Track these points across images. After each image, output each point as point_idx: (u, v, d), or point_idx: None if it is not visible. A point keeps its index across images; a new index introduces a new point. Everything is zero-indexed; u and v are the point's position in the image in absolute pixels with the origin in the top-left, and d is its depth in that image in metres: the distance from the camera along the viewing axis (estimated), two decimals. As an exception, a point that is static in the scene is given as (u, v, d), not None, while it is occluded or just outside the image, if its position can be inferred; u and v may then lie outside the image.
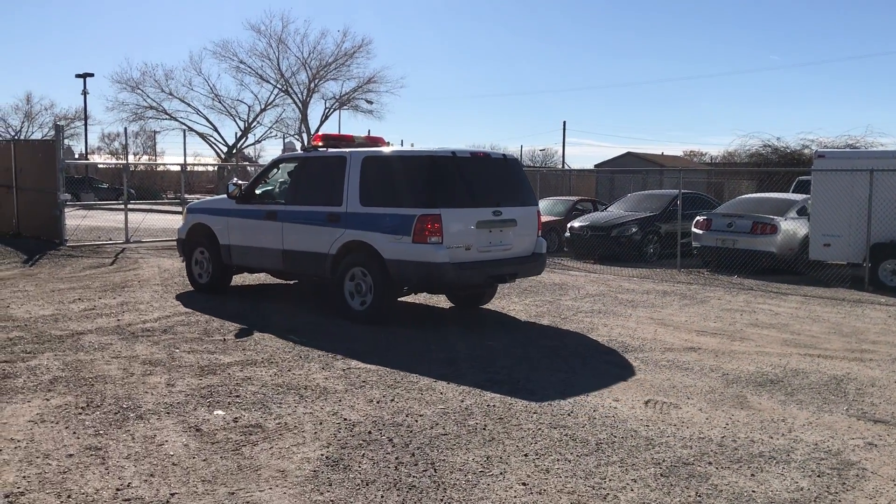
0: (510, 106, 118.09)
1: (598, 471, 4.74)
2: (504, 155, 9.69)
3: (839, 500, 4.36)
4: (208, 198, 12.41)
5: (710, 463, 4.90)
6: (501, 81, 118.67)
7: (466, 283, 8.96)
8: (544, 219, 19.74)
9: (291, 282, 11.98)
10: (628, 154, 44.01)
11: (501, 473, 4.68)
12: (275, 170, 10.82)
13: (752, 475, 4.71)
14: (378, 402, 6.05)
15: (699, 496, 4.39)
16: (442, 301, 10.93)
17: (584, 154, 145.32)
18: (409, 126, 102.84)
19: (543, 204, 20.93)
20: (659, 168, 36.90)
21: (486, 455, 4.97)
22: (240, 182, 10.68)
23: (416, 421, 5.62)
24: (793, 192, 18.48)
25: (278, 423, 5.51)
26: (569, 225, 18.43)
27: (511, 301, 11.17)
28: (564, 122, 73.26)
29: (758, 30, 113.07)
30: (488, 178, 9.24)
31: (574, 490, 4.45)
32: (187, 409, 5.79)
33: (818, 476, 4.71)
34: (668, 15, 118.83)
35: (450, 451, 5.04)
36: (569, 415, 5.85)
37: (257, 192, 10.58)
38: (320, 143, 10.27)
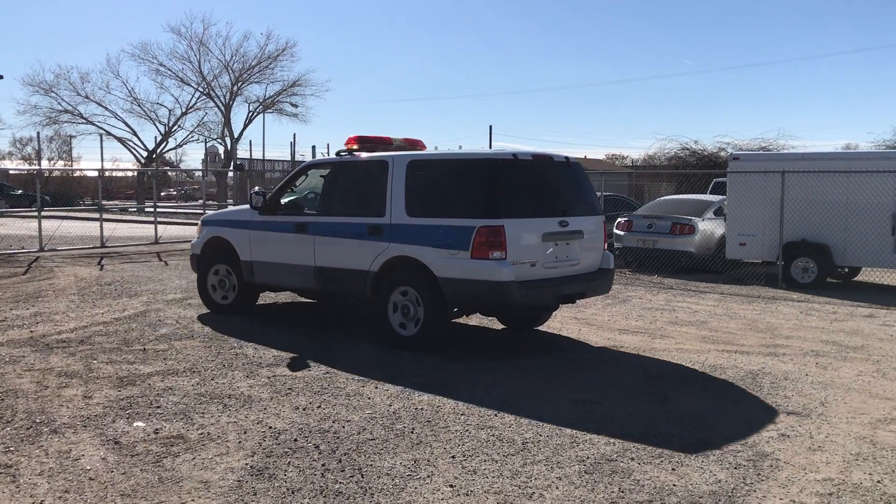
0: (437, 109, 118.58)
1: (525, 470, 4.79)
2: (566, 158, 8.51)
3: (755, 490, 4.52)
4: (228, 209, 11.36)
5: (632, 459, 5.00)
6: (428, 85, 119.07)
7: (533, 304, 7.82)
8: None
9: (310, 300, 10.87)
10: (553, 157, 44.58)
11: (429, 476, 4.68)
12: (303, 177, 9.58)
13: (673, 469, 4.83)
14: (304, 409, 5.98)
15: (622, 491, 4.48)
16: (481, 320, 10.65)
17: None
18: (336, 130, 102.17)
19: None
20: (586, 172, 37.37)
21: (414, 458, 4.97)
22: (263, 191, 9.47)
23: (344, 427, 5.57)
24: (710, 193, 19.10)
25: (201, 434, 5.39)
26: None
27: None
28: (491, 126, 74.18)
29: (675, 35, 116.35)
30: (552, 184, 8.13)
31: (501, 490, 4.49)
32: (105, 422, 5.61)
33: (735, 468, 4.86)
34: (592, 20, 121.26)
35: (377, 455, 5.02)
36: (496, 415, 5.89)
37: (283, 201, 9.44)
38: (356, 146, 9.18)
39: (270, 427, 5.55)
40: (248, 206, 9.60)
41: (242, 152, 48.02)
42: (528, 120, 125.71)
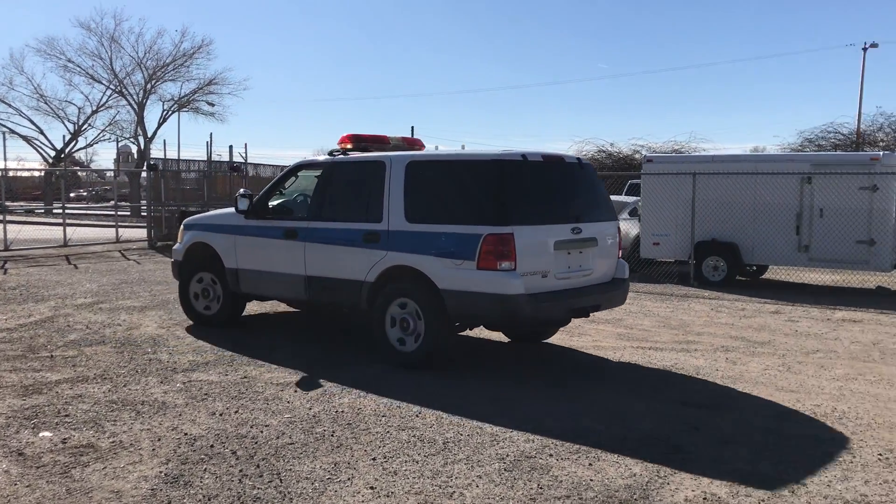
0: (358, 110, 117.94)
1: (445, 469, 4.81)
2: (578, 159, 7.91)
3: (668, 483, 4.65)
4: (213, 211, 10.26)
5: (551, 455, 5.08)
6: (349, 85, 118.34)
7: (545, 318, 7.30)
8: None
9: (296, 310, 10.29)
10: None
11: (349, 479, 4.65)
12: (293, 178, 8.88)
13: (590, 464, 4.93)
14: (221, 415, 5.85)
15: (541, 488, 4.54)
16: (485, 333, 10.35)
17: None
18: (254, 129, 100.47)
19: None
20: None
21: (334, 461, 4.93)
22: (250, 193, 8.80)
23: (262, 432, 5.48)
24: (625, 194, 19.60)
25: (112, 442, 5.21)
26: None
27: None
28: (413, 127, 73.86)
29: (591, 40, 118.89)
30: (564, 188, 7.57)
31: (421, 490, 4.49)
32: (9, 433, 5.37)
33: (649, 461, 4.99)
34: (514, 24, 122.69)
35: (296, 460, 4.95)
36: (417, 416, 5.89)
37: (271, 204, 8.76)
38: (350, 146, 8.60)
39: (186, 433, 5.41)
40: (232, 209, 8.94)
41: (157, 152, 46.77)
42: (449, 121, 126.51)
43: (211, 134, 47.12)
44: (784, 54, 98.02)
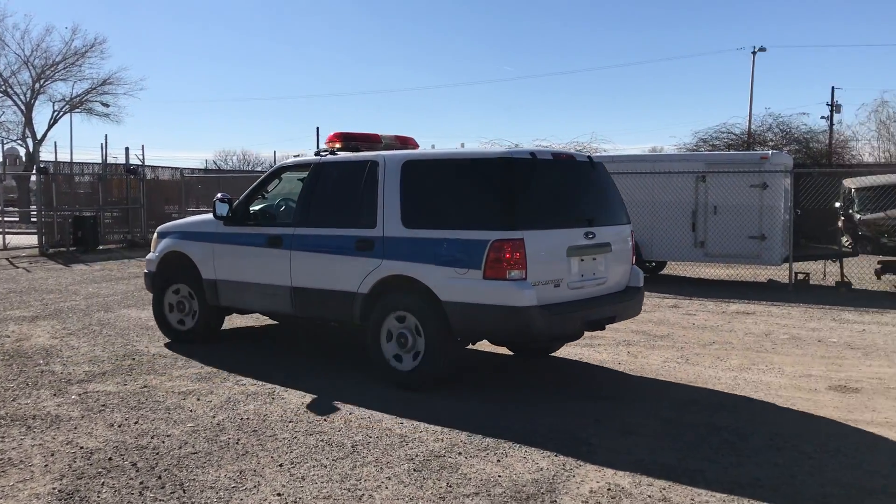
0: (261, 110, 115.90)
1: (354, 472, 4.77)
2: (589, 157, 7.33)
3: (574, 476, 4.74)
4: (189, 218, 9.43)
5: (460, 453, 5.11)
6: (252, 85, 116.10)
7: (558, 332, 6.63)
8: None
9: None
10: (380, 160, 44.81)
11: (255, 486, 4.55)
12: (276, 181, 8.24)
13: (499, 461, 4.98)
14: (120, 426, 5.63)
15: (450, 486, 4.56)
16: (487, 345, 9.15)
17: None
18: (152, 130, 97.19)
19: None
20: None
21: (240, 469, 4.82)
22: (229, 197, 8.06)
23: (164, 442, 5.31)
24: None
25: (0, 460, 4.94)
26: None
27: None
28: (318, 128, 73.04)
29: (496, 42, 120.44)
30: (575, 188, 7.04)
31: (330, 494, 4.44)
32: None
33: (555, 455, 5.08)
34: (417, 25, 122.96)
35: (200, 469, 4.81)
36: (325, 420, 5.83)
37: (253, 210, 8.12)
38: (338, 145, 7.97)
39: (82, 447, 5.19)
40: (209, 215, 8.29)
41: (47, 154, 44.67)
42: (357, 123, 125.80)
43: (106, 136, 45.14)
44: (679, 58, 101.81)
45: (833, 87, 41.88)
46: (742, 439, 5.44)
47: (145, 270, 9.01)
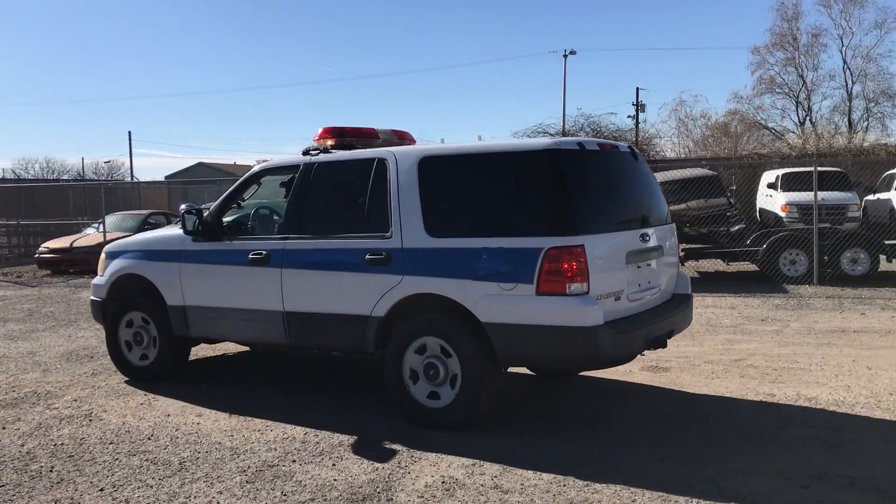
0: (64, 115, 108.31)
1: (183, 490, 4.58)
2: (631, 147, 6.40)
3: (409, 472, 4.80)
4: (145, 234, 8.15)
5: (294, 461, 5.03)
6: (48, 88, 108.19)
7: (624, 354, 5.48)
8: (113, 236, 18.63)
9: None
10: (200, 164, 43.37)
11: (73, 516, 4.27)
12: (254, 187, 7.01)
13: (334, 465, 4.96)
14: (-89, 465, 5.09)
15: (285, 494, 4.49)
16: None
17: (155, 165, 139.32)
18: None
19: (112, 220, 19.69)
20: (232, 177, 36.96)
21: (55, 499, 4.49)
22: (197, 208, 6.88)
23: (-36, 477, 4.85)
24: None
25: None
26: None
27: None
28: (130, 132, 69.49)
29: (315, 42, 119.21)
30: (625, 184, 6.13)
31: (157, 516, 4.24)
32: None
33: (391, 455, 5.12)
34: (232, 24, 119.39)
35: (10, 503, 4.44)
36: (149, 439, 5.55)
37: (228, 220, 6.90)
38: (331, 142, 6.73)
39: None
40: (171, 229, 7.26)
41: None
42: (173, 125, 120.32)
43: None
44: (499, 60, 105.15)
45: (638, 88, 45.13)
46: (566, 420, 5.73)
47: (92, 297, 7.65)
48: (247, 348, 8.37)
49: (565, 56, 44.69)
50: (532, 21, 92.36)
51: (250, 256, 6.40)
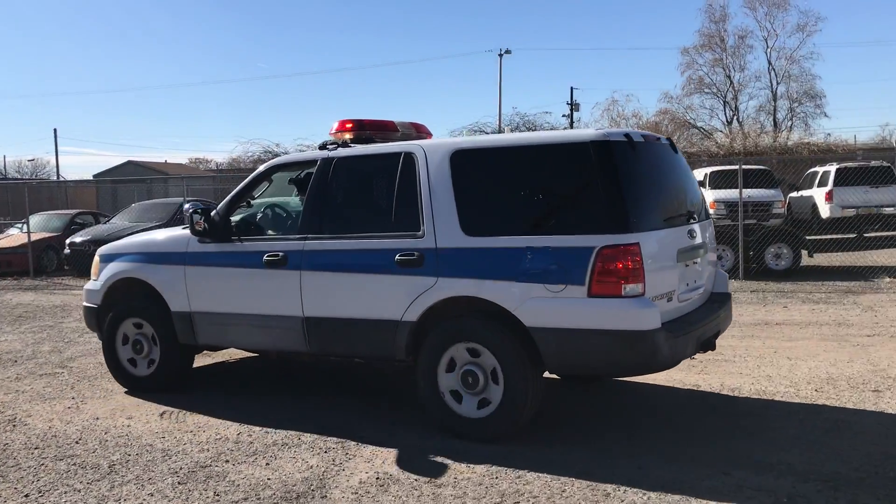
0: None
1: (113, 493, 4.51)
2: (669, 139, 6.06)
3: (344, 469, 4.82)
4: (144, 234, 7.55)
5: (227, 461, 5.00)
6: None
7: (679, 359, 5.17)
8: (38, 236, 18.12)
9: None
10: (129, 163, 42.39)
11: (-3, 523, 4.16)
12: (265, 184, 6.67)
13: (268, 464, 4.94)
14: None
15: (217, 495, 4.45)
16: None
17: (83, 163, 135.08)
18: None
19: (36, 220, 19.15)
20: (164, 176, 36.25)
21: (-23, 506, 4.37)
22: (203, 207, 6.53)
23: None
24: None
25: None
26: (68, 241, 17.20)
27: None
28: (56, 130, 67.19)
29: (249, 38, 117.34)
30: (669, 178, 5.77)
31: (85, 520, 4.17)
32: None
33: (325, 452, 5.12)
34: (162, 18, 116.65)
35: (-73, 512, 4.31)
36: (77, 443, 5.43)
37: (234, 219, 6.44)
38: (350, 135, 6.33)
39: None
40: (173, 230, 6.89)
41: None
42: (101, 122, 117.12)
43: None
44: (435, 59, 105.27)
45: (572, 88, 45.86)
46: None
47: (86, 304, 7.09)
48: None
49: (501, 55, 45.16)
50: (468, 20, 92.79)
51: (265, 258, 5.96)
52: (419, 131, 6.84)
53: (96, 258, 7.11)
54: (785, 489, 4.29)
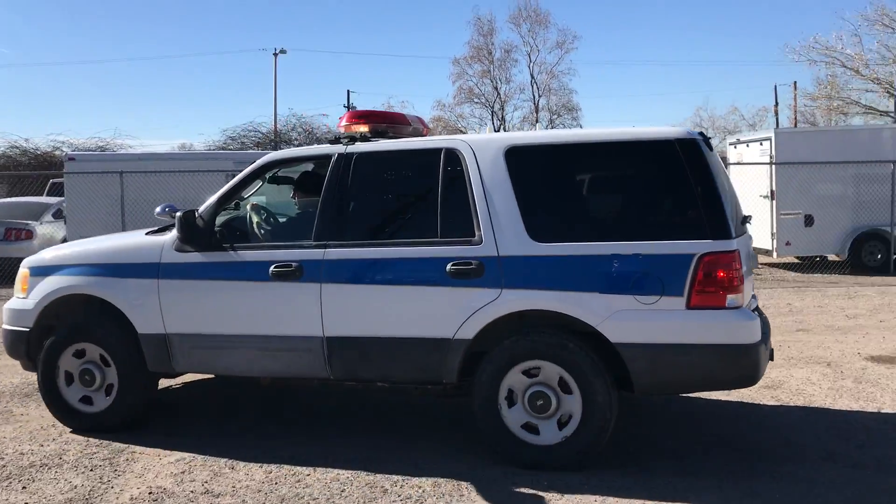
0: None
1: None
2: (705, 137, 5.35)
3: (112, 487, 4.59)
4: (90, 241, 6.09)
5: None
6: None
7: (764, 372, 4.79)
8: None
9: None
10: None
11: None
12: (258, 182, 5.64)
13: (24, 488, 4.59)
14: None
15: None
16: None
17: None
18: None
19: None
20: None
21: None
22: (187, 210, 5.25)
23: None
24: (47, 195, 18.39)
25: None
26: None
27: None
28: None
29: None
30: (726, 179, 5.16)
31: None
32: None
33: (91, 470, 4.84)
34: None
35: None
36: None
37: (218, 223, 5.38)
38: (366, 129, 5.43)
39: None
40: (136, 236, 5.77)
41: None
42: None
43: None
44: (206, 54, 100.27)
45: (349, 91, 45.98)
46: (288, 419, 5.80)
47: (7, 327, 5.78)
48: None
49: (275, 55, 44.42)
50: (241, 16, 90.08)
51: (273, 269, 5.05)
52: (423, 126, 6.31)
53: (24, 271, 5.85)
54: None
